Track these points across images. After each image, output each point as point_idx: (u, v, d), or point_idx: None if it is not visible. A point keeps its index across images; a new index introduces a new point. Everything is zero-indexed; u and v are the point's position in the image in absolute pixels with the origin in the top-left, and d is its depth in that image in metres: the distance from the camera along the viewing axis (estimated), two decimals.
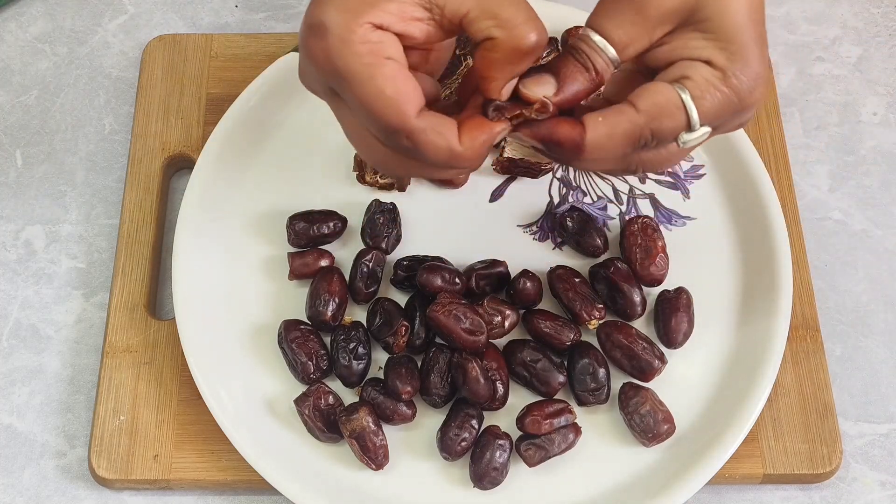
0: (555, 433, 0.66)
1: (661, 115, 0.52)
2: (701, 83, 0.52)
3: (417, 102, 0.52)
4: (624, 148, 0.53)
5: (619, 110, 0.53)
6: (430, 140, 0.52)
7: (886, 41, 0.85)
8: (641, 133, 0.53)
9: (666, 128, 0.53)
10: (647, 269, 0.71)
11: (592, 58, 0.53)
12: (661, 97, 0.52)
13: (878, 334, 0.74)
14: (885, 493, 0.69)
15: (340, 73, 0.51)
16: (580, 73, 0.53)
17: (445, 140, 0.52)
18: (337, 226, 0.73)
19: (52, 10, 0.86)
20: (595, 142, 0.52)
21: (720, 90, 0.52)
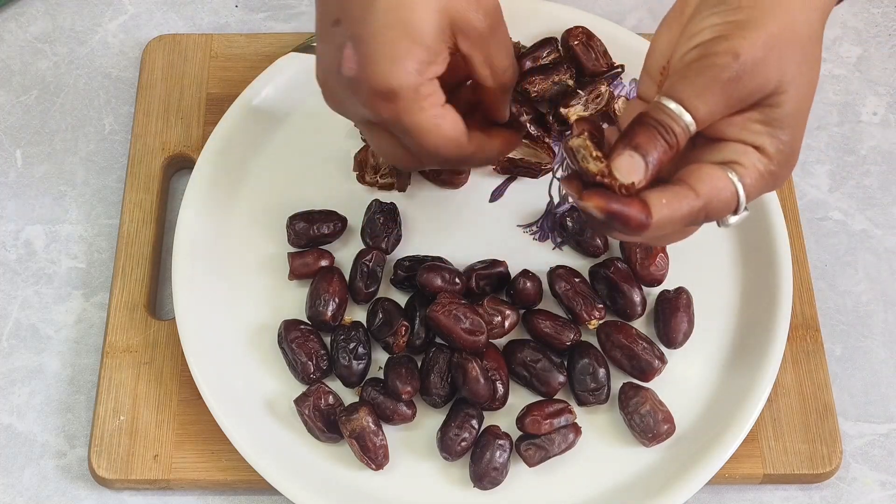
0: (555, 433, 0.66)
1: (717, 200, 0.53)
2: (752, 172, 0.53)
3: (465, 129, 0.60)
4: (678, 227, 0.54)
5: (681, 194, 0.53)
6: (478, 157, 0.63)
7: (886, 41, 0.85)
8: (698, 216, 0.53)
9: (719, 212, 0.54)
10: (647, 269, 0.71)
11: (675, 132, 0.53)
12: (720, 183, 0.53)
13: (878, 334, 0.74)
14: (885, 493, 0.69)
15: (409, 128, 0.58)
16: (663, 149, 0.52)
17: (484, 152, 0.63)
18: (337, 226, 0.73)
19: (52, 10, 0.86)
20: (659, 223, 0.52)
21: (765, 178, 0.54)
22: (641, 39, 0.79)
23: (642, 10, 0.86)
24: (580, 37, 0.78)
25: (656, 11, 0.86)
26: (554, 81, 0.77)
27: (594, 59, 0.78)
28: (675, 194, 0.52)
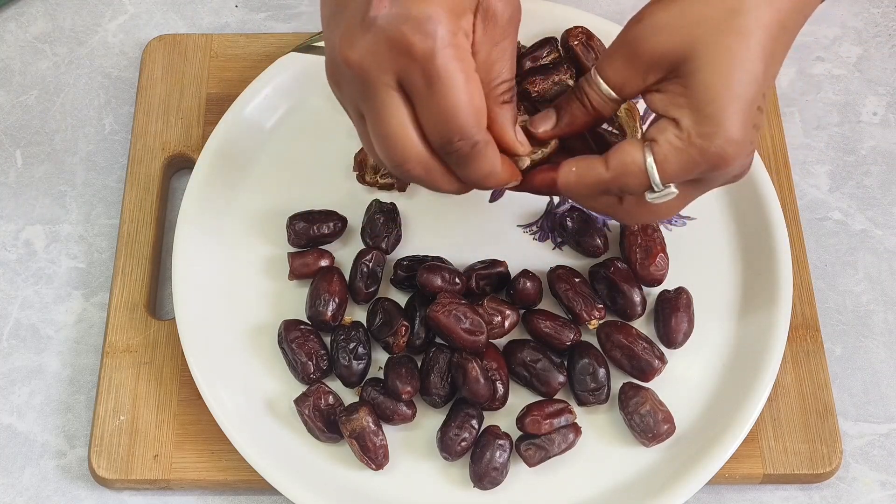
0: (555, 433, 0.66)
1: (625, 174, 0.56)
2: (664, 147, 0.55)
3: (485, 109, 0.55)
4: (591, 193, 0.58)
5: (592, 164, 0.57)
6: (487, 154, 0.56)
7: (886, 41, 0.85)
8: (608, 186, 0.57)
9: (630, 185, 0.57)
10: (647, 269, 0.71)
11: (592, 98, 0.58)
12: (629, 158, 0.56)
13: (878, 334, 0.74)
14: (885, 493, 0.69)
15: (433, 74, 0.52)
16: (577, 109, 0.59)
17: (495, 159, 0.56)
18: (337, 226, 0.73)
19: (52, 10, 0.86)
20: (565, 184, 0.58)
21: (684, 153, 0.55)
22: None
23: None
24: (580, 37, 0.78)
25: None
26: (554, 81, 0.76)
27: (594, 59, 0.78)
28: (588, 164, 0.58)
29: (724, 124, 0.54)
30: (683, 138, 0.55)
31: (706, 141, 0.54)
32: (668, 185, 0.56)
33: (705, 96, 0.54)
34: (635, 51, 0.56)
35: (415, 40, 0.52)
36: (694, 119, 0.54)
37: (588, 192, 0.58)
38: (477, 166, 0.56)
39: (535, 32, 0.79)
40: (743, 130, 0.54)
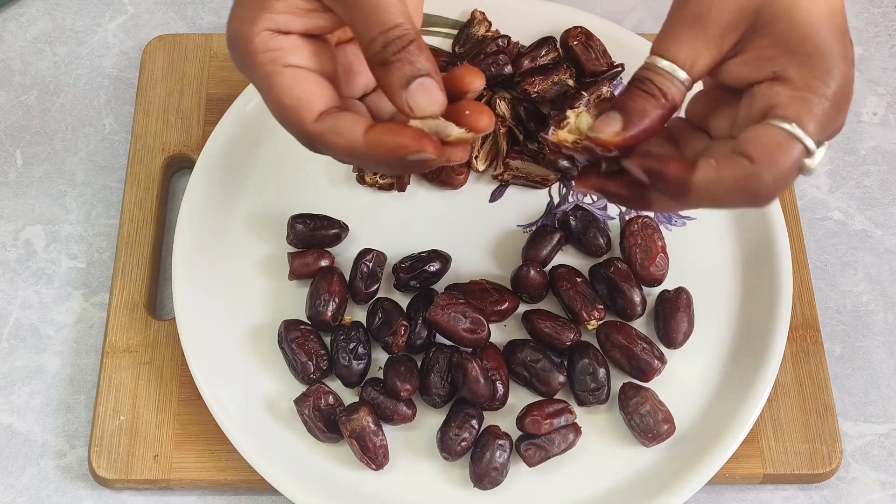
0: (555, 433, 0.66)
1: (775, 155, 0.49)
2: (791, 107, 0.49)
3: (318, 105, 0.52)
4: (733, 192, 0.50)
5: (732, 157, 0.49)
6: (330, 141, 0.52)
7: (886, 41, 0.86)
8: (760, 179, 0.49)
9: (784, 165, 0.49)
10: (647, 269, 0.71)
11: (660, 84, 0.51)
12: (767, 138, 0.49)
13: (878, 334, 0.74)
14: (885, 493, 0.69)
15: (250, 79, 0.53)
16: (649, 103, 0.51)
17: (344, 139, 0.51)
18: (337, 233, 0.72)
19: (52, 10, 0.86)
20: (704, 181, 0.50)
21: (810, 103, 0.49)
22: (641, 39, 0.79)
23: (642, 10, 0.86)
24: (579, 37, 0.78)
25: (656, 11, 0.86)
26: (553, 81, 0.77)
27: (594, 59, 0.78)
28: (728, 157, 0.49)
29: (829, 58, 0.49)
30: (800, 88, 0.49)
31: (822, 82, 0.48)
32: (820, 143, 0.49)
33: (798, 35, 0.49)
34: (702, 17, 0.50)
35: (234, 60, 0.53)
36: (798, 64, 0.49)
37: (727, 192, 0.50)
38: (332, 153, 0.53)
39: (535, 32, 0.80)
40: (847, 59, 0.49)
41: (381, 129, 0.51)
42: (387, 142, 0.51)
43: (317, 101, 0.52)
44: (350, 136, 0.51)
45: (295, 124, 0.52)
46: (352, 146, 0.51)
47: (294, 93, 0.52)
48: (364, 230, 0.74)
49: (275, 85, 0.52)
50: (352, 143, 0.51)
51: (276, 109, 0.52)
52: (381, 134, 0.51)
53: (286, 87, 0.52)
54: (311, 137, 0.52)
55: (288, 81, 0.52)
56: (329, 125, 0.52)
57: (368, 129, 0.51)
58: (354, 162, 0.53)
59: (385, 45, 0.50)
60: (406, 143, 0.50)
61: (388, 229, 0.74)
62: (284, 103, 0.52)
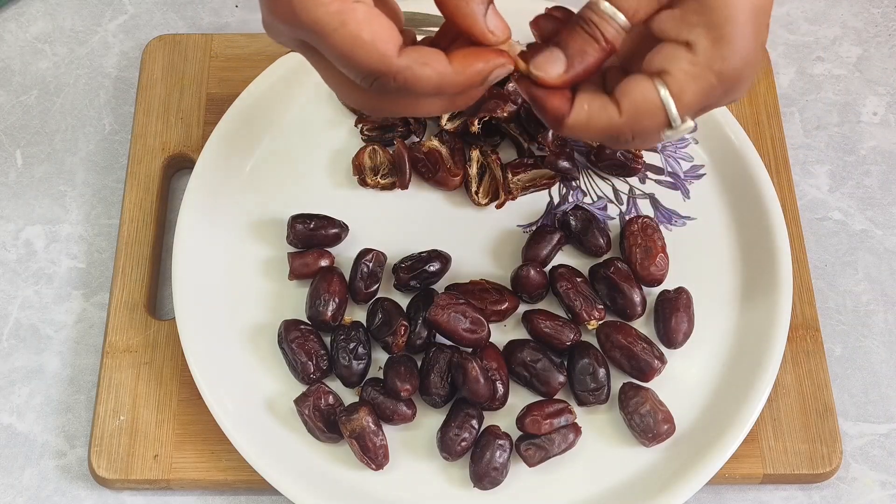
0: (555, 433, 0.66)
1: (640, 117, 0.52)
2: (680, 78, 0.51)
3: (396, 40, 0.50)
4: (600, 138, 0.53)
5: (605, 106, 0.52)
6: (416, 74, 0.50)
7: (886, 41, 0.86)
8: (621, 132, 0.52)
9: (647, 127, 0.52)
10: (647, 269, 0.71)
11: (602, 28, 0.52)
12: (641, 98, 0.51)
13: (878, 334, 0.74)
14: (885, 493, 0.69)
15: (309, 26, 0.49)
16: (590, 46, 0.52)
17: (433, 69, 0.50)
18: (337, 233, 0.72)
19: (52, 10, 0.86)
20: (575, 125, 0.53)
21: (701, 80, 0.51)
22: None
23: None
24: None
25: None
26: None
27: None
28: (602, 106, 0.52)
29: (742, 44, 0.50)
30: (700, 63, 0.51)
31: (724, 64, 0.50)
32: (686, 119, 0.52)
33: (724, 13, 0.50)
34: None
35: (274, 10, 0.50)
36: (711, 40, 0.50)
37: (593, 137, 0.53)
38: (419, 89, 0.51)
39: None
40: (758, 50, 0.51)
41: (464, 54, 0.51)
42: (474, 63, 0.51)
43: (394, 35, 0.50)
44: (439, 65, 0.50)
45: (378, 59, 0.49)
46: (441, 74, 0.50)
47: (373, 27, 0.49)
48: (364, 230, 0.74)
49: (350, 20, 0.49)
50: (441, 71, 0.50)
51: (352, 48, 0.49)
52: (466, 57, 0.51)
53: (364, 22, 0.49)
54: (397, 73, 0.50)
55: (363, 16, 0.49)
56: (414, 58, 0.50)
57: (451, 56, 0.51)
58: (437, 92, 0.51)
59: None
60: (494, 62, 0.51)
61: (388, 229, 0.74)
62: (363, 38, 0.49)
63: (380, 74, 0.50)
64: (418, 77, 0.50)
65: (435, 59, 0.51)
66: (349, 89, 0.53)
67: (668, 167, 0.77)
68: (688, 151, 0.77)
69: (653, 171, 0.77)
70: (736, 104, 0.79)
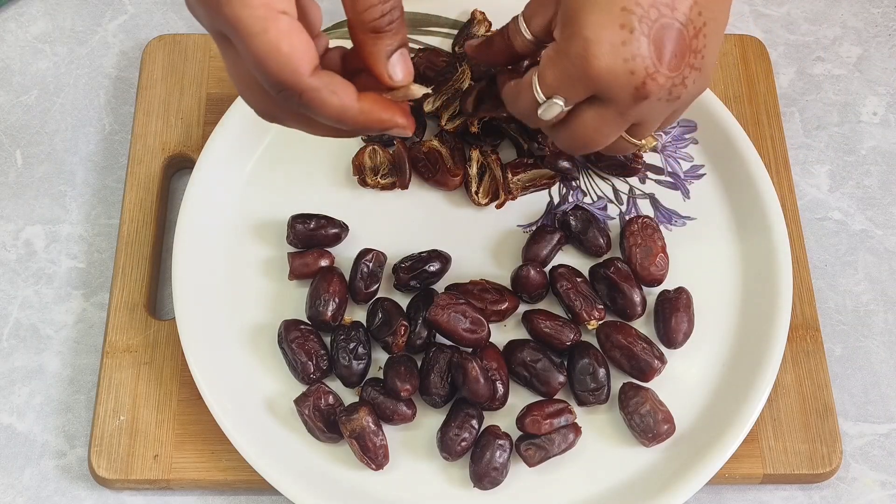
0: (555, 433, 0.66)
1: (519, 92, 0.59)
2: (543, 63, 0.57)
3: (312, 60, 0.50)
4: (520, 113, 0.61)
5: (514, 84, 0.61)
6: (323, 98, 0.51)
7: (886, 41, 0.86)
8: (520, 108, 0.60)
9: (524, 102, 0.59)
10: (647, 269, 0.71)
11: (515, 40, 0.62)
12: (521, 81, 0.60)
13: (878, 334, 0.74)
14: (885, 493, 0.69)
15: (231, 23, 0.49)
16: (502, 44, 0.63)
17: (339, 100, 0.51)
18: (337, 233, 0.72)
19: (52, 10, 0.86)
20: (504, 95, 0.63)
21: (555, 61, 0.56)
22: None
23: None
24: None
25: None
26: None
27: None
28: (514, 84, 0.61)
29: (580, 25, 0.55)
30: (554, 48, 0.57)
31: (567, 43, 0.55)
32: (552, 97, 0.57)
33: (567, 8, 0.56)
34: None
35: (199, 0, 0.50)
36: (560, 30, 0.56)
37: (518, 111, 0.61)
38: (320, 112, 0.52)
39: None
40: (603, 30, 0.54)
41: (373, 99, 0.53)
42: (378, 113, 0.53)
43: (311, 55, 0.50)
44: (344, 97, 0.52)
45: (290, 74, 0.50)
46: (345, 108, 0.52)
47: (292, 41, 0.49)
48: (364, 230, 0.74)
49: (272, 29, 0.49)
50: (346, 105, 0.52)
51: (267, 56, 0.49)
52: (374, 104, 0.53)
53: (284, 34, 0.49)
54: (304, 91, 0.51)
55: (286, 28, 0.49)
56: (325, 81, 0.51)
57: (360, 96, 0.52)
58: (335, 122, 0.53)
59: (382, 14, 0.52)
60: (396, 119, 0.54)
61: (388, 229, 0.74)
62: (281, 49, 0.49)
63: (288, 88, 0.51)
64: (323, 102, 0.51)
65: (343, 91, 0.52)
66: (253, 89, 0.53)
67: (668, 167, 0.77)
68: (688, 151, 0.77)
69: (653, 171, 0.77)
70: (736, 104, 0.79)
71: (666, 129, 0.78)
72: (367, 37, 0.52)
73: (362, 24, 0.52)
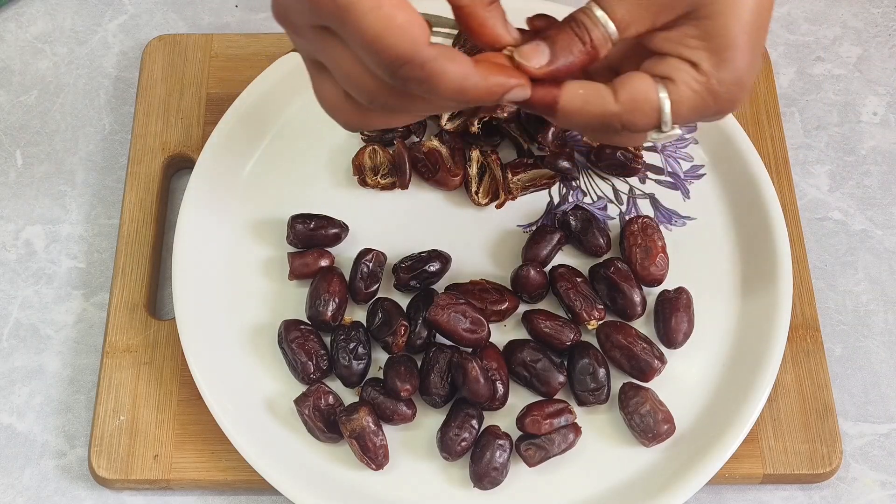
0: (555, 433, 0.66)
1: (635, 110, 0.52)
2: (682, 89, 0.52)
3: (426, 31, 0.49)
4: (592, 124, 0.53)
5: (600, 92, 0.52)
6: (444, 68, 0.49)
7: (886, 41, 0.86)
8: (612, 121, 0.53)
9: (638, 122, 0.53)
10: (647, 269, 0.71)
11: (591, 31, 0.52)
12: (641, 94, 0.52)
13: (878, 334, 0.74)
14: (885, 493, 0.69)
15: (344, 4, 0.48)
16: (575, 46, 0.52)
17: (459, 66, 0.49)
18: (337, 233, 0.72)
19: (52, 10, 0.86)
20: (567, 109, 0.53)
21: (699, 96, 0.52)
22: None
23: None
24: None
25: None
26: None
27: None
28: (595, 90, 0.52)
29: (741, 70, 0.52)
30: (702, 82, 0.52)
31: (723, 87, 0.52)
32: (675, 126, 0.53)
33: (725, 41, 0.51)
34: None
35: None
36: (713, 63, 0.52)
37: (587, 123, 0.53)
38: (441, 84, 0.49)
39: None
40: (750, 69, 0.52)
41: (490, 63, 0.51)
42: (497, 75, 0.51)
43: (424, 26, 0.49)
44: (465, 65, 0.50)
45: (409, 44, 0.48)
46: (466, 75, 0.49)
47: (407, 13, 0.48)
48: (364, 230, 0.74)
49: (386, 3, 0.47)
50: (467, 72, 0.50)
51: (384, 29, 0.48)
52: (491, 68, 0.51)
53: (397, 6, 0.48)
54: (424, 61, 0.48)
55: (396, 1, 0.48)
56: (442, 51, 0.49)
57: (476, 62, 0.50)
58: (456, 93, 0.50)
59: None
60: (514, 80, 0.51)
61: (388, 229, 0.74)
62: (397, 21, 0.48)
63: (408, 61, 0.49)
64: (444, 71, 0.49)
65: (461, 59, 0.50)
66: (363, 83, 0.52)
67: (668, 167, 0.77)
68: (688, 151, 0.77)
69: (653, 171, 0.77)
70: None
71: None
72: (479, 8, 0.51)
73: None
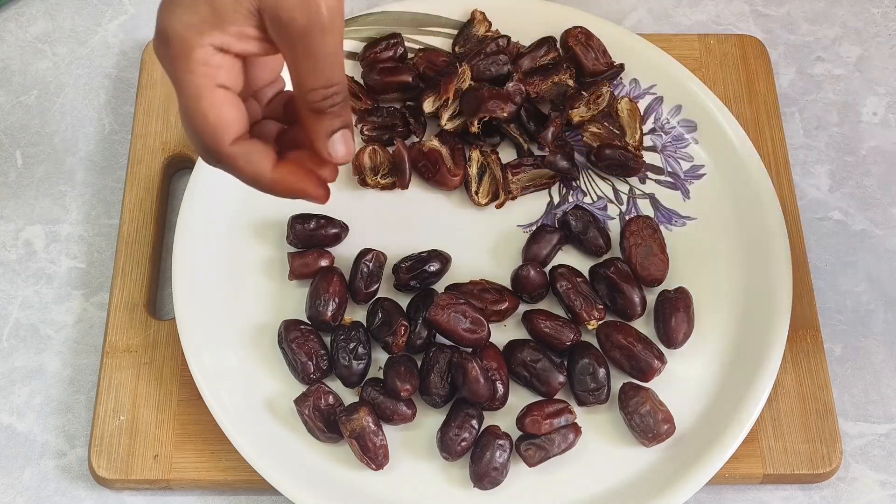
0: (555, 433, 0.66)
1: None
2: None
3: (237, 130, 0.55)
4: None
5: None
6: (239, 166, 0.56)
7: (886, 41, 0.86)
8: None
9: None
10: (647, 269, 0.71)
11: None
12: None
13: (878, 334, 0.74)
14: (885, 493, 0.69)
15: (175, 81, 0.54)
16: None
17: (253, 169, 0.56)
18: (337, 233, 0.72)
19: (52, 10, 0.86)
20: None
21: None
22: (641, 40, 0.79)
23: (642, 10, 0.86)
24: (579, 37, 0.78)
25: (656, 11, 0.86)
26: (553, 82, 0.77)
27: (594, 59, 0.78)
28: None
29: None
30: None
31: None
32: None
33: None
34: None
35: (157, 48, 0.54)
36: None
37: None
38: (235, 176, 0.57)
39: (535, 32, 0.80)
40: None
41: (287, 169, 0.56)
42: (290, 183, 0.57)
43: (235, 126, 0.55)
44: (258, 167, 0.56)
45: (212, 143, 0.55)
46: (257, 176, 0.56)
47: (221, 113, 0.54)
48: (364, 230, 0.74)
49: (204, 99, 0.53)
50: (258, 173, 0.56)
51: (197, 123, 0.54)
52: (286, 174, 0.56)
53: (215, 107, 0.54)
54: (222, 158, 0.55)
55: (218, 101, 0.54)
56: (242, 151, 0.55)
57: (275, 165, 0.56)
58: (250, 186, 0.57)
59: (325, 97, 0.54)
60: (307, 189, 0.57)
61: (388, 229, 0.74)
62: (209, 121, 0.54)
63: (213, 154, 0.55)
64: (239, 169, 0.56)
65: (259, 160, 0.56)
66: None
67: (668, 167, 0.77)
68: (688, 151, 0.77)
69: (653, 171, 0.77)
70: (736, 104, 0.79)
71: (666, 129, 0.78)
72: (309, 116, 0.55)
73: (305, 104, 0.55)
